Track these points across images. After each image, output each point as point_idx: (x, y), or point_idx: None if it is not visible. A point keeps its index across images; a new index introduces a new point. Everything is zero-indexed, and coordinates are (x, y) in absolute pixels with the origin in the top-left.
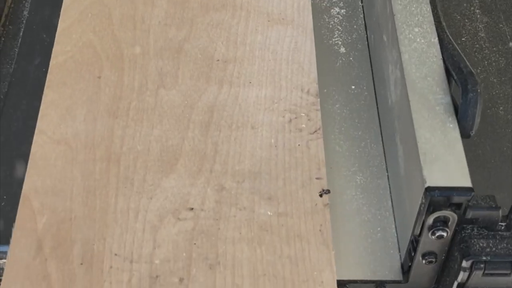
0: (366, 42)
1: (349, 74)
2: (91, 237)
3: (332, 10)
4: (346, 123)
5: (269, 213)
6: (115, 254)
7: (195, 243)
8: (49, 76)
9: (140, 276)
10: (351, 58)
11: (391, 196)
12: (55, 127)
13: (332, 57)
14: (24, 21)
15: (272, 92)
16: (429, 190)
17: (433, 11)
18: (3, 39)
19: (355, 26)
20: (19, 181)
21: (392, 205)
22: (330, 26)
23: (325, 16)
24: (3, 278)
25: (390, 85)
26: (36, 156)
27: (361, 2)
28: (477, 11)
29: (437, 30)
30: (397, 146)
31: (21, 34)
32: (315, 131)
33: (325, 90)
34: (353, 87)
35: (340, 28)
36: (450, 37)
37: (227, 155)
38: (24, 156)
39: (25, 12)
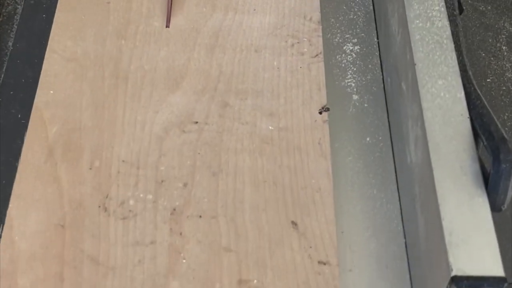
0: (382, 85)
1: (363, 122)
2: (99, 145)
3: (345, 46)
4: (360, 179)
5: (270, 127)
6: (123, 161)
7: (199, 153)
8: (60, 1)
9: (146, 181)
10: (365, 104)
11: (409, 268)
12: (65, 47)
13: (344, 102)
14: (8, 54)
15: (276, 19)
16: (455, 280)
17: (458, 57)
18: None
19: (370, 66)
20: None
21: (411, 280)
22: (343, 65)
23: (338, 54)
24: (16, 179)
25: (409, 142)
26: (48, 73)
27: (377, 38)
28: (504, 47)
29: (463, 82)
30: (417, 213)
31: (3, 70)
32: (317, 55)
33: (337, 144)
34: (367, 138)
35: (353, 67)
36: (478, 91)
37: (231, 75)
38: None
39: (10, 43)
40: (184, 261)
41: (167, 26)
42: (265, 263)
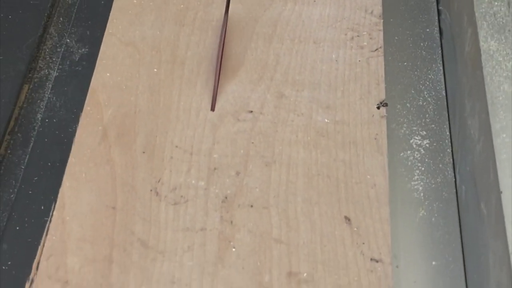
0: (455, 190)
1: (431, 236)
2: (153, 130)
3: (413, 140)
4: None
5: (326, 120)
6: (176, 146)
7: (252, 142)
8: None
9: (199, 167)
10: (435, 214)
11: None
12: (124, 31)
13: (410, 210)
14: (37, 128)
15: (336, 11)
16: None
17: None
18: (8, 151)
19: (440, 165)
20: None
21: None
22: (409, 163)
23: (403, 149)
24: (69, 158)
25: (489, 279)
26: (105, 55)
27: (449, 131)
28: None
29: None
30: None
31: (30, 146)
32: (377, 49)
33: (397, 265)
34: (433, 263)
35: (421, 166)
36: None
37: (288, 66)
38: None
39: (39, 115)
40: (234, 249)
41: (212, 110)
42: (316, 257)
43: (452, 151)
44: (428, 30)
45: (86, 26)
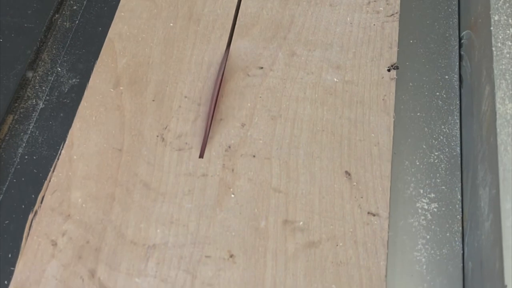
0: (461, 264)
1: None
2: (164, 80)
3: (419, 203)
4: None
5: (335, 79)
6: (185, 97)
7: (260, 96)
8: None
9: (205, 118)
10: None
11: None
12: None
13: (410, 285)
14: (15, 164)
15: None
16: None
17: None
18: None
19: (448, 234)
20: None
21: None
22: (413, 229)
23: (408, 213)
24: (81, 102)
25: None
26: (124, 8)
27: (461, 195)
28: None
29: None
30: None
31: (6, 185)
32: (392, 15)
33: None
34: None
35: (426, 234)
36: None
37: (302, 27)
38: None
39: (20, 150)
40: (232, 196)
41: (201, 157)
42: (313, 208)
43: (462, 218)
44: (447, 77)
45: (79, 54)
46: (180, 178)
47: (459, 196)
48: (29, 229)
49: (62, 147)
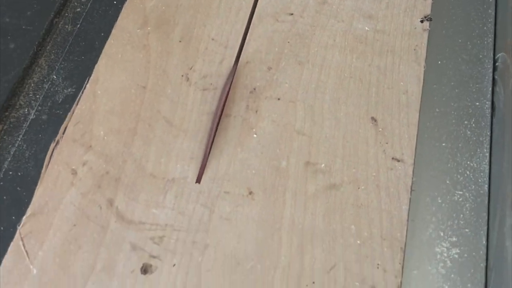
0: None
1: None
2: (192, 22)
3: (439, 247)
4: None
5: (366, 28)
6: (212, 39)
7: (288, 42)
8: None
9: (231, 60)
10: None
11: None
12: None
13: None
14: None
15: None
16: None
17: None
18: None
19: (469, 285)
20: None
21: None
22: (430, 277)
23: (426, 258)
24: (108, 40)
25: None
26: None
27: (486, 240)
28: None
29: None
30: None
31: None
32: None
33: None
34: None
35: (444, 284)
36: None
37: None
38: None
39: (5, 165)
40: (255, 136)
41: (198, 182)
42: (336, 151)
43: (486, 267)
44: (478, 103)
45: (77, 62)
46: (203, 116)
47: (484, 242)
48: (50, 158)
49: (87, 81)
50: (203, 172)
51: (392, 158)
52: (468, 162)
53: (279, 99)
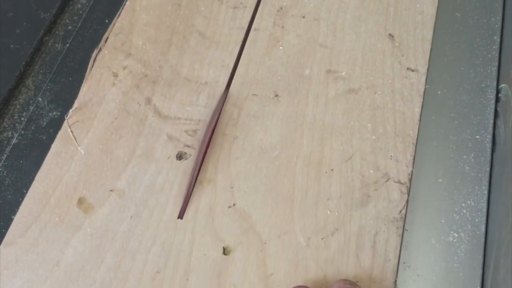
0: None
1: None
2: None
3: None
4: None
5: None
6: None
7: None
8: None
9: None
10: None
11: None
12: None
13: None
14: None
15: None
16: None
17: None
18: None
19: None
20: None
21: None
22: None
23: None
24: None
25: None
26: None
27: (480, 285)
28: None
29: None
30: None
31: None
32: None
33: None
34: None
35: None
36: None
37: None
38: None
39: None
40: (281, 47)
41: (180, 218)
42: (356, 61)
43: None
44: (478, 137)
45: (65, 83)
46: (233, 31)
47: (478, 287)
48: (93, 62)
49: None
50: (185, 209)
51: (407, 69)
52: (466, 200)
53: (303, 17)
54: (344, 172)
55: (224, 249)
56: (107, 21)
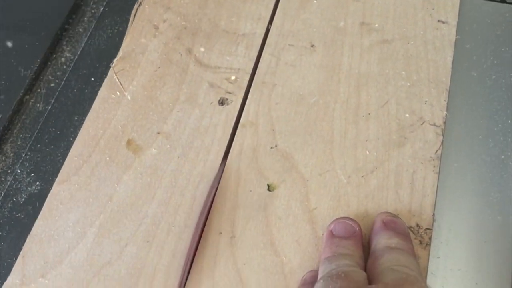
0: None
1: None
2: None
3: None
4: None
5: None
6: None
7: None
8: None
9: None
10: None
11: None
12: None
13: None
14: None
15: None
16: None
17: None
18: None
19: None
20: None
21: None
22: None
23: None
24: None
25: None
26: None
27: None
28: None
29: None
30: None
31: None
32: None
33: None
34: None
35: None
36: None
37: None
38: None
39: None
40: (315, 1)
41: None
42: (388, 14)
43: None
44: (500, 217)
45: (46, 152)
46: None
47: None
48: (134, 16)
49: None
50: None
51: (438, 21)
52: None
53: None
54: (381, 116)
55: (268, 186)
56: (92, 79)
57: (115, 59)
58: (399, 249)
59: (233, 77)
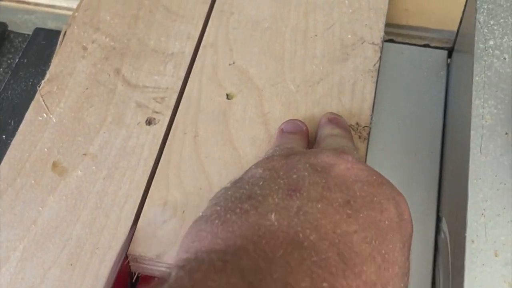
0: None
1: None
2: None
3: None
4: None
5: None
6: None
7: None
8: None
9: None
10: None
11: None
12: None
13: None
14: None
15: None
16: None
17: None
18: None
19: None
20: None
21: None
22: None
23: None
24: None
25: None
26: None
27: None
28: None
29: None
30: None
31: None
32: None
33: None
34: None
35: None
36: None
37: None
38: None
39: None
40: None
41: None
42: None
43: None
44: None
45: None
46: (198, 5)
47: None
48: (63, 37)
49: None
50: None
51: None
52: None
53: None
54: (326, 37)
55: (227, 95)
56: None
57: (43, 81)
58: (340, 136)
59: (160, 96)
